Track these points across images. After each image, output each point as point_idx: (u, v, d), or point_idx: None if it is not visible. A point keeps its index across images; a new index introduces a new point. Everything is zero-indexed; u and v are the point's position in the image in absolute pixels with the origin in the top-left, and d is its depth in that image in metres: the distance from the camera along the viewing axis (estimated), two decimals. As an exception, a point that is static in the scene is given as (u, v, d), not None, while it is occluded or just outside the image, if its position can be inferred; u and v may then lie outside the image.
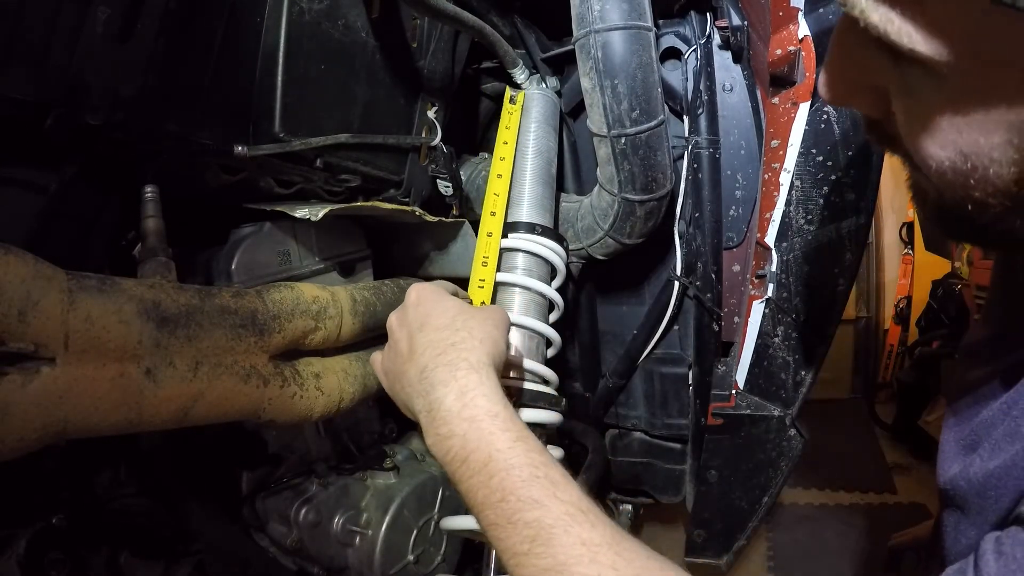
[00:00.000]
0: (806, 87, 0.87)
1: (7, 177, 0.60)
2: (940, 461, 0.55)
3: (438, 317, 0.58)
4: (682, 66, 1.00)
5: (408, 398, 0.56)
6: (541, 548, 0.44)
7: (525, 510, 0.46)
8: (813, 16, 0.85)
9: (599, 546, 0.44)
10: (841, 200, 0.87)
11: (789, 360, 0.96)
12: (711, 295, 1.02)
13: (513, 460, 0.48)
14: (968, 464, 0.49)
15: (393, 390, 0.61)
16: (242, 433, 0.91)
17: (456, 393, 0.52)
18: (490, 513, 0.48)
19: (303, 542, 0.92)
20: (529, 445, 0.50)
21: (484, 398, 0.52)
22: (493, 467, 0.48)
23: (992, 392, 0.50)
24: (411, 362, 0.56)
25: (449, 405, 0.52)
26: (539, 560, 0.44)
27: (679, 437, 1.20)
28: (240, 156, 0.70)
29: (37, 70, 0.53)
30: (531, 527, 0.45)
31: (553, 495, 0.47)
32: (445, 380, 0.53)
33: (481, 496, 0.48)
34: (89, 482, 0.80)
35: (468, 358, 0.54)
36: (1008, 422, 0.46)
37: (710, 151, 0.99)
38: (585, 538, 0.44)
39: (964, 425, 0.53)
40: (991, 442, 0.47)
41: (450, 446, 0.51)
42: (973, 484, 0.49)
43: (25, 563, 0.69)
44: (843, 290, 0.90)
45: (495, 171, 0.84)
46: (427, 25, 0.89)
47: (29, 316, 0.49)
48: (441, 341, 0.55)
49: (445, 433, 0.51)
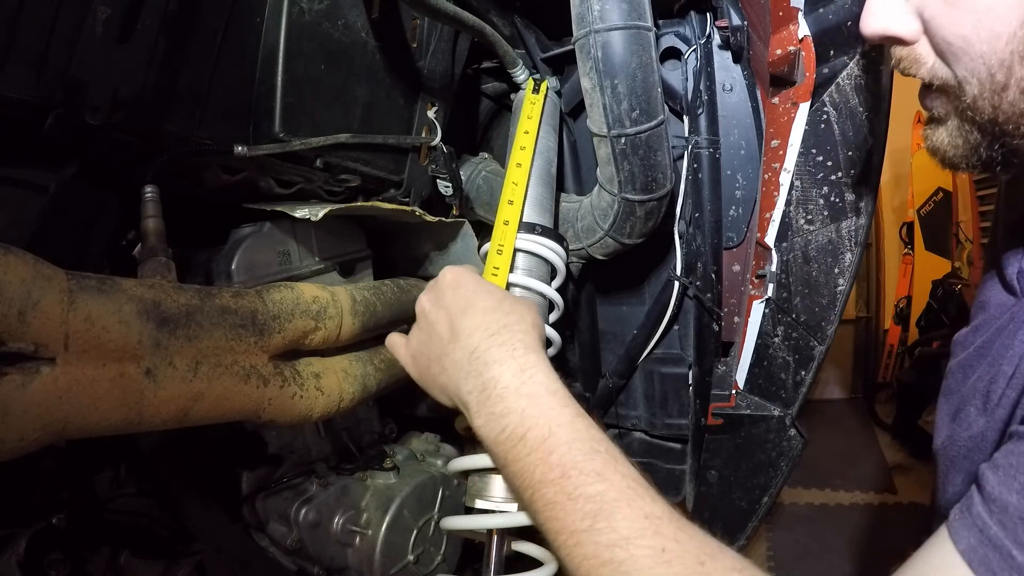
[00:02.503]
0: (806, 87, 0.87)
1: (7, 177, 0.60)
2: (935, 429, 0.60)
3: (484, 300, 0.56)
4: (682, 66, 0.99)
5: (451, 380, 0.55)
6: (603, 523, 0.44)
7: (587, 484, 0.45)
8: (813, 16, 0.85)
9: (661, 519, 0.44)
10: (841, 200, 0.87)
11: (789, 360, 0.96)
12: (711, 295, 1.02)
13: (574, 435, 0.48)
14: (954, 429, 0.56)
15: (427, 374, 0.59)
16: (242, 433, 0.91)
17: (515, 370, 0.51)
18: (548, 491, 0.46)
19: (303, 542, 0.92)
20: (588, 421, 0.50)
21: (543, 375, 0.51)
22: (553, 442, 0.47)
23: (976, 362, 0.56)
24: (456, 343, 0.55)
25: (507, 382, 0.51)
26: (600, 536, 0.43)
27: (679, 437, 1.20)
28: (240, 156, 0.70)
29: (37, 70, 0.53)
30: (593, 501, 0.45)
31: (615, 469, 0.46)
32: (501, 359, 0.52)
33: (539, 474, 0.47)
34: (89, 482, 0.80)
35: (524, 339, 0.54)
36: (984, 389, 0.53)
37: (710, 151, 0.99)
38: (648, 511, 0.44)
39: (953, 396, 0.58)
40: (975, 407, 0.54)
41: (506, 424, 0.49)
42: (959, 447, 0.55)
43: (25, 563, 0.69)
44: (843, 290, 0.90)
45: (514, 160, 0.82)
46: (427, 25, 0.89)
47: (29, 316, 0.49)
48: (493, 323, 0.54)
49: (501, 411, 0.50)
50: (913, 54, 0.46)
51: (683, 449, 1.21)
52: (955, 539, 0.43)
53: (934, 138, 0.49)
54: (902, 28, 0.45)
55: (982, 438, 0.52)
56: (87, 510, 0.78)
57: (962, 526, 0.43)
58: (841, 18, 0.83)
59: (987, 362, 0.54)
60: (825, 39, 0.84)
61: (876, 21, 0.46)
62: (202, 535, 0.85)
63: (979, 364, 0.55)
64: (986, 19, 0.41)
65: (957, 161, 0.48)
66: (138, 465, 0.83)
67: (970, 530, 0.43)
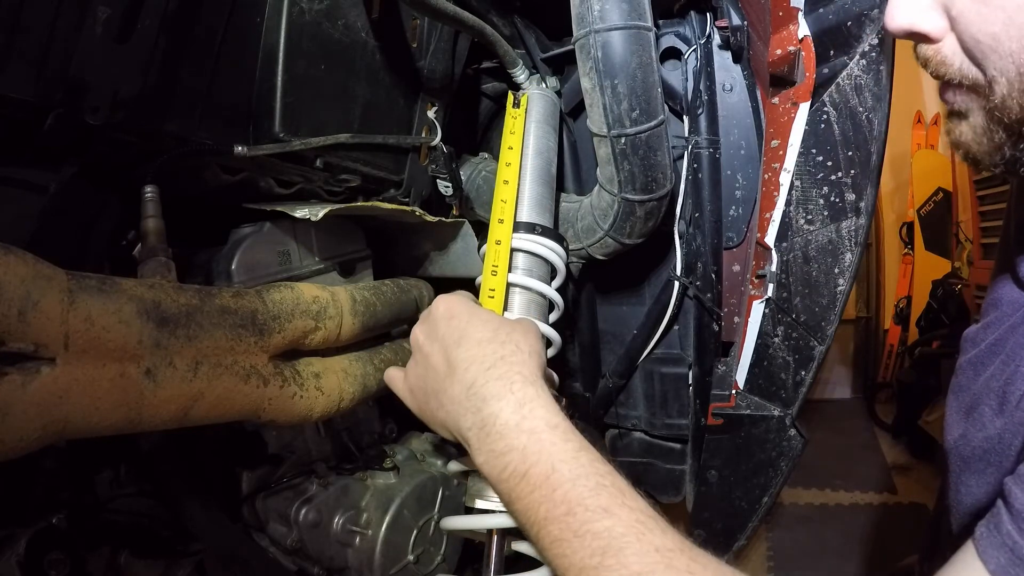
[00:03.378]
0: (806, 87, 0.87)
1: (7, 177, 0.60)
2: (946, 426, 0.59)
3: (478, 330, 0.55)
4: (682, 66, 0.99)
5: (450, 416, 0.53)
6: (612, 559, 0.43)
7: (594, 520, 0.44)
8: (813, 16, 0.85)
9: (672, 551, 0.43)
10: (841, 200, 0.87)
11: (789, 360, 0.96)
12: (711, 295, 1.02)
13: (578, 470, 0.47)
14: (968, 428, 0.54)
15: (426, 408, 0.57)
16: (242, 433, 0.91)
17: (513, 406, 0.50)
18: (554, 528, 0.45)
19: (303, 542, 0.92)
20: (592, 455, 0.48)
21: (543, 409, 0.50)
22: (556, 479, 0.46)
23: (989, 359, 0.55)
24: (452, 378, 0.53)
25: (506, 418, 0.50)
26: (610, 572, 0.42)
27: (679, 437, 1.20)
28: (240, 156, 0.70)
29: (37, 70, 0.53)
30: (601, 538, 0.44)
31: (622, 503, 0.45)
32: (499, 394, 0.51)
33: (544, 511, 0.46)
34: (89, 482, 0.80)
35: (521, 371, 0.52)
36: (999, 389, 0.51)
37: (710, 151, 0.99)
38: (659, 544, 0.43)
39: (964, 393, 0.57)
40: (989, 407, 0.52)
41: (507, 461, 0.48)
42: (974, 447, 0.53)
43: (25, 563, 0.69)
44: (843, 290, 0.90)
45: (501, 177, 0.83)
46: (427, 25, 0.89)
47: (29, 316, 0.49)
48: (489, 355, 0.53)
49: (501, 448, 0.49)
50: (939, 55, 0.45)
51: (683, 449, 1.21)
52: (984, 559, 0.42)
53: (957, 133, 0.48)
54: (928, 24, 0.44)
55: (999, 440, 0.51)
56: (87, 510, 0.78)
57: (991, 545, 0.42)
58: (841, 18, 0.83)
59: (1000, 360, 0.53)
60: (825, 39, 0.84)
61: (901, 16, 0.45)
62: (202, 535, 0.85)
63: (992, 361, 0.55)
64: (1017, 17, 0.40)
65: (981, 158, 0.47)
66: (138, 465, 0.83)
67: (1000, 549, 0.42)
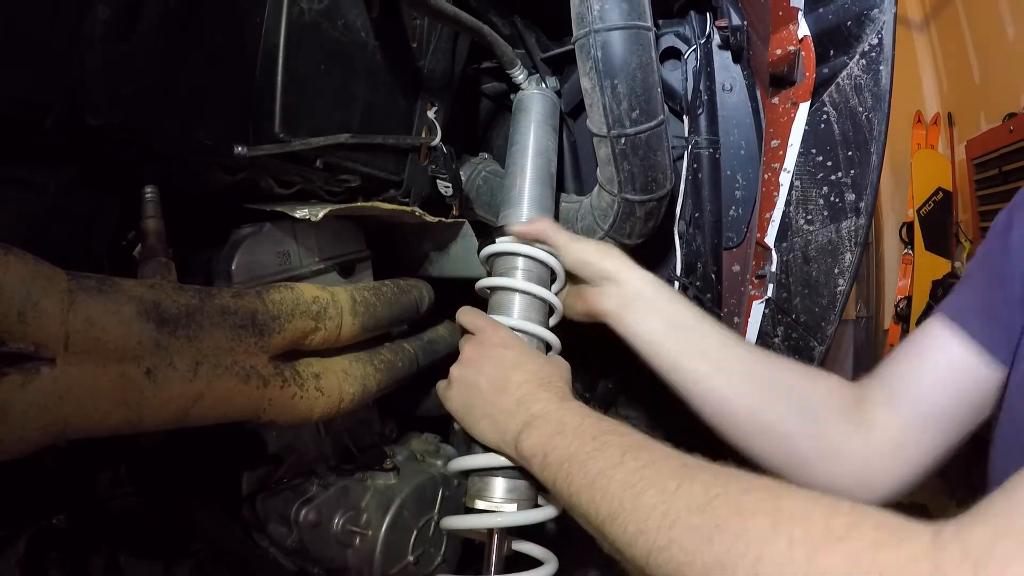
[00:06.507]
0: (806, 87, 0.87)
1: (7, 177, 0.60)
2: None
3: (529, 362, 0.68)
4: (682, 66, 1.00)
5: (499, 422, 0.65)
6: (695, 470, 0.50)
7: (641, 448, 0.53)
8: (813, 16, 0.85)
9: (700, 466, 0.51)
10: (841, 200, 0.87)
11: (789, 360, 0.96)
12: (711, 295, 1.02)
13: (616, 426, 0.58)
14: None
15: (471, 417, 0.68)
16: (242, 433, 0.91)
17: (556, 403, 0.63)
18: (632, 459, 0.52)
19: (303, 543, 0.92)
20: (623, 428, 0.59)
21: (579, 406, 0.63)
22: (596, 430, 0.57)
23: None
24: (506, 394, 0.65)
25: (551, 409, 0.62)
26: (699, 474, 0.49)
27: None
28: (240, 156, 0.70)
29: (37, 70, 0.53)
30: (680, 460, 0.51)
31: (655, 445, 0.55)
32: (546, 400, 0.63)
33: (604, 461, 0.54)
34: (89, 482, 0.79)
35: (560, 391, 0.66)
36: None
37: (710, 151, 0.99)
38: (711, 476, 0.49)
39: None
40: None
41: (561, 427, 0.59)
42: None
43: (25, 563, 0.69)
44: (843, 290, 0.90)
45: None
46: (427, 25, 0.89)
47: (29, 316, 0.49)
48: (535, 380, 0.66)
49: (552, 429, 0.60)
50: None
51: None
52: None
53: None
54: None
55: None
56: (87, 510, 0.77)
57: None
58: (841, 18, 0.83)
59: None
60: (825, 39, 0.84)
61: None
62: (202, 535, 0.85)
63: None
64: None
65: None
66: (138, 465, 0.83)
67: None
